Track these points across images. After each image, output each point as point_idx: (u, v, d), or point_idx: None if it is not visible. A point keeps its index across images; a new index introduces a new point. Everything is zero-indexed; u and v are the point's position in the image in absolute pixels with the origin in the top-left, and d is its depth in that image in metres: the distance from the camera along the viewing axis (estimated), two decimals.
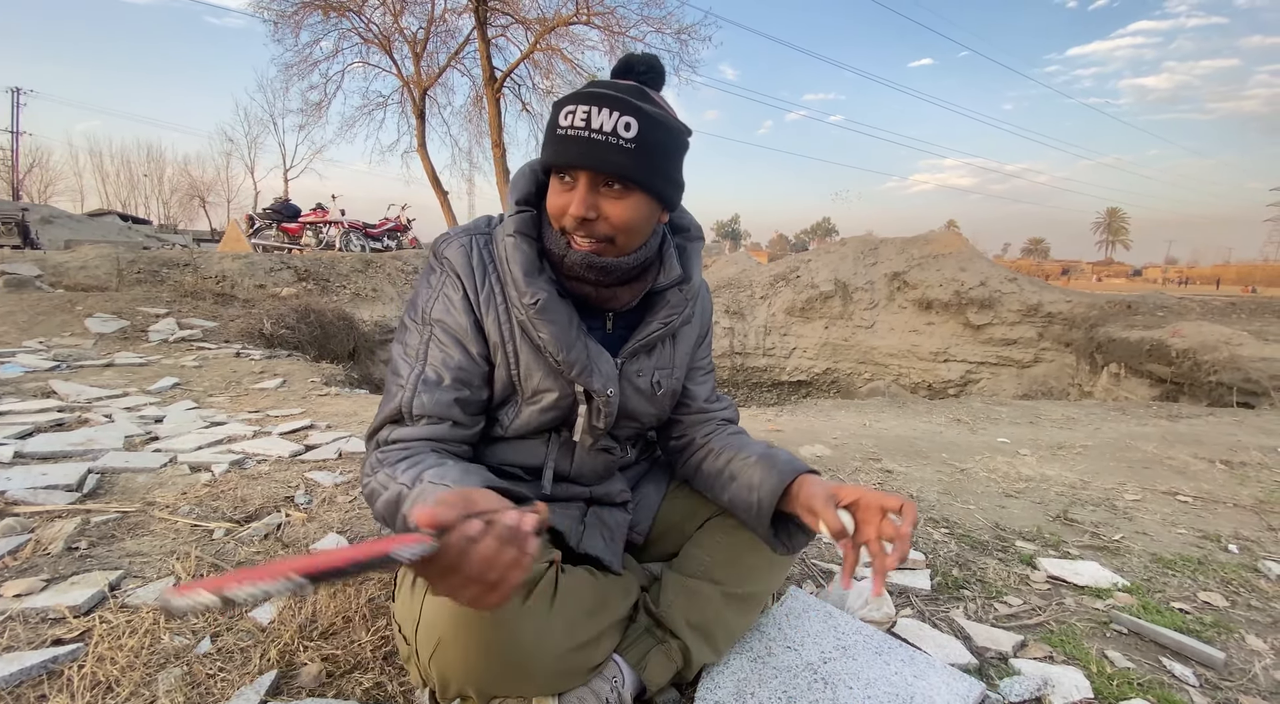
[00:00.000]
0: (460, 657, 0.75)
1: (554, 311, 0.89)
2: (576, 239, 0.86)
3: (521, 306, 0.88)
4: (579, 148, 0.81)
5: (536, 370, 0.92)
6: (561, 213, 0.85)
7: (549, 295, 0.88)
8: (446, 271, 0.92)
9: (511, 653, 0.76)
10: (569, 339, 0.90)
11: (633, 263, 0.91)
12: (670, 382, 1.04)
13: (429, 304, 0.92)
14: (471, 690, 0.78)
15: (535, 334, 0.89)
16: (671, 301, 0.99)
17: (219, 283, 7.00)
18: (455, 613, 0.75)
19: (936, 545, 1.67)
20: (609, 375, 0.95)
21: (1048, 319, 8.07)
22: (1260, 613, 1.44)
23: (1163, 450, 2.67)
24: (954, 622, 1.30)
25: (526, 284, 0.88)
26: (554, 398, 0.93)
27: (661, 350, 1.03)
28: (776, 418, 3.08)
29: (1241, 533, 1.89)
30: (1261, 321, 6.81)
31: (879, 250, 11.36)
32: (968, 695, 1.01)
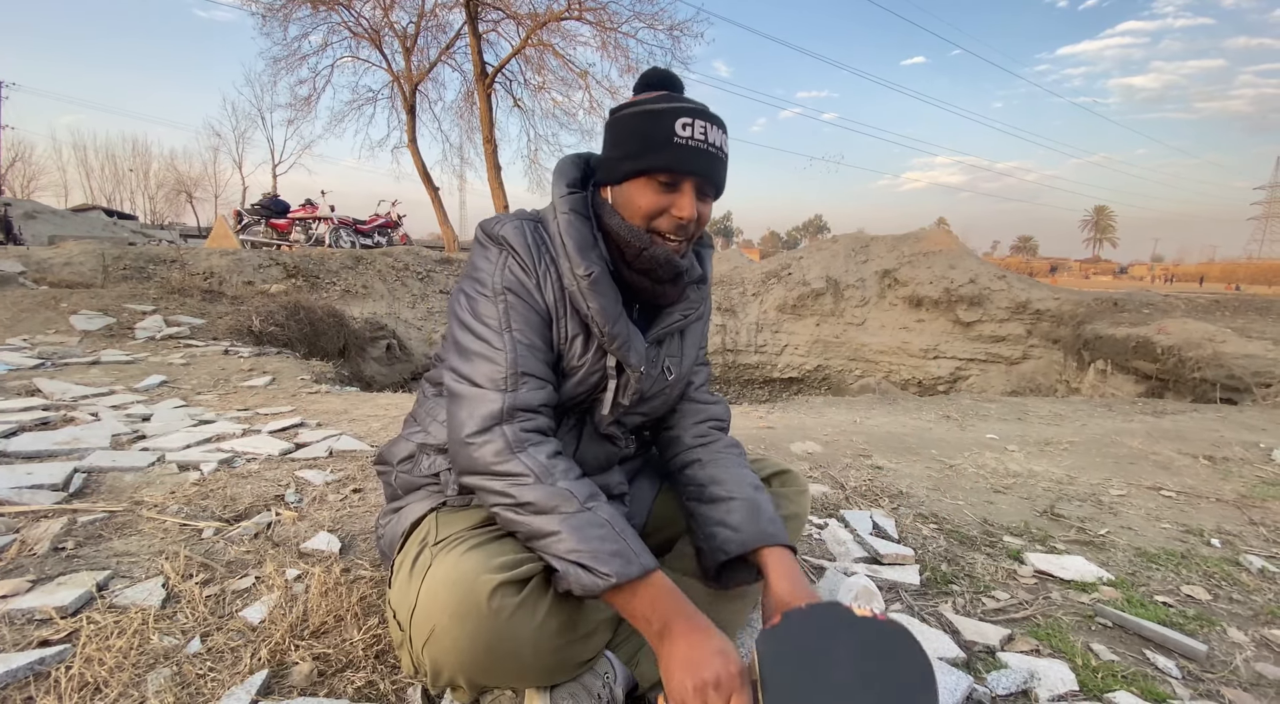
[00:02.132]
0: (453, 646, 0.76)
1: (604, 286, 0.93)
2: (669, 238, 0.93)
3: (574, 277, 0.92)
4: (702, 159, 0.90)
5: (578, 343, 0.95)
6: (658, 213, 0.92)
7: (601, 270, 0.93)
8: (505, 248, 0.94)
9: (504, 645, 0.77)
10: (615, 313, 0.94)
11: (689, 261, 1.01)
12: (679, 370, 1.09)
13: (496, 275, 0.93)
14: (462, 680, 0.79)
15: (585, 304, 0.92)
16: (691, 298, 1.06)
17: (207, 279, 6.93)
18: (450, 602, 0.75)
19: (926, 541, 1.68)
20: (642, 353, 0.99)
21: (1036, 316, 8.15)
22: (1242, 606, 1.46)
23: (1148, 446, 2.71)
24: (943, 616, 1.32)
25: (581, 258, 0.92)
26: (583, 373, 0.96)
27: (672, 341, 1.08)
28: (768, 415, 3.10)
29: (1224, 527, 1.92)
30: (1244, 319, 6.91)
31: (870, 248, 11.41)
32: (955, 689, 1.02)
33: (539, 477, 0.82)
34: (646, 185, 0.91)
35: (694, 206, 0.91)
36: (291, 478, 1.88)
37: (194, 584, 1.25)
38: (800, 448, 2.44)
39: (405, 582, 0.83)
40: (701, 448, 1.10)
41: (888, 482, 2.12)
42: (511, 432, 0.85)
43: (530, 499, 0.81)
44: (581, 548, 0.78)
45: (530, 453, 0.84)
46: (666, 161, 0.89)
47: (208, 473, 1.90)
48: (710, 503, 1.03)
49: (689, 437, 1.12)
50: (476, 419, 0.86)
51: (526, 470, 0.82)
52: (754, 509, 0.98)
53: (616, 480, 1.09)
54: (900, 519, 1.81)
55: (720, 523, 0.99)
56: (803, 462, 2.30)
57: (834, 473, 2.18)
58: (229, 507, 1.65)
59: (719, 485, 1.03)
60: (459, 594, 0.75)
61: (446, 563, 0.79)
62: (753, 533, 0.95)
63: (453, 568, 0.78)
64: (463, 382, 0.90)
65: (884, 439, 2.63)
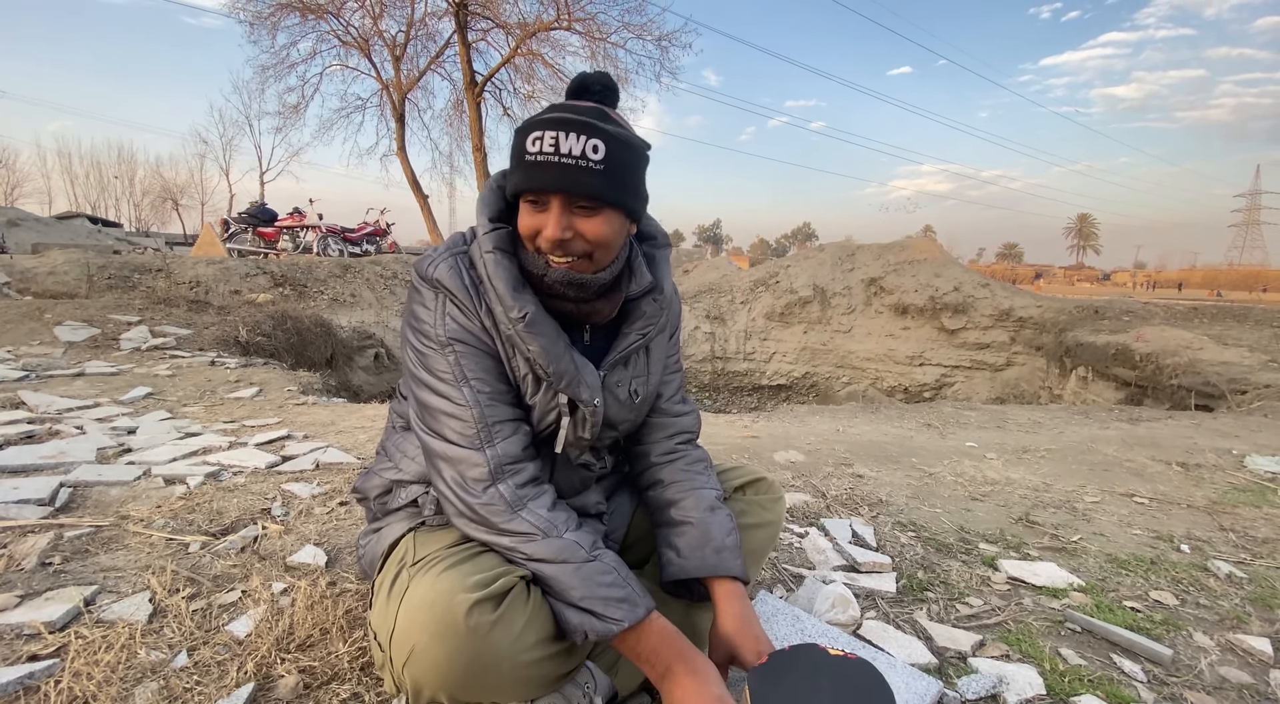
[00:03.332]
0: (433, 665, 0.77)
1: (541, 325, 0.90)
2: (554, 258, 0.89)
3: (509, 321, 0.89)
4: (551, 172, 0.83)
5: (529, 382, 0.94)
6: (535, 234, 0.88)
7: (536, 309, 0.90)
8: (441, 291, 0.92)
9: (483, 661, 0.78)
10: (557, 352, 0.91)
11: (609, 276, 0.94)
12: (646, 389, 1.07)
13: (439, 325, 0.91)
14: (444, 698, 0.81)
15: (525, 348, 0.90)
16: (647, 312, 1.02)
17: (193, 289, 6.90)
18: (429, 622, 0.77)
19: (903, 548, 1.72)
20: (595, 386, 0.97)
21: (1019, 323, 8.27)
22: (1208, 611, 1.51)
23: (1122, 453, 2.77)
24: (917, 623, 1.35)
25: (513, 299, 0.88)
26: (538, 412, 0.95)
27: (637, 360, 1.05)
28: (753, 424, 3.14)
29: (1194, 533, 1.98)
30: (1222, 326, 7.05)
31: (856, 256, 11.54)
32: (926, 694, 1.05)
33: (544, 532, 0.85)
34: (524, 207, 0.88)
35: (559, 224, 0.85)
36: (278, 491, 1.89)
37: (180, 598, 1.26)
38: (784, 457, 2.48)
39: (384, 604, 0.85)
40: (667, 465, 1.11)
41: (868, 490, 2.16)
42: (508, 491, 0.87)
43: (539, 555, 0.85)
44: (592, 596, 0.83)
45: (531, 508, 0.87)
46: (520, 181, 0.86)
47: (194, 486, 1.90)
48: (665, 526, 1.07)
49: (655, 453, 1.13)
50: (468, 483, 0.88)
51: (532, 529, 0.86)
52: (704, 536, 1.01)
53: (594, 500, 1.10)
54: (879, 527, 1.85)
55: (670, 546, 1.04)
56: (786, 470, 2.33)
57: (815, 482, 2.22)
58: (215, 520, 1.66)
59: (675, 508, 1.06)
60: (436, 614, 0.77)
61: (424, 584, 0.81)
62: (696, 562, 1.00)
63: (429, 589, 0.79)
64: (436, 438, 0.90)
65: (866, 448, 2.67)
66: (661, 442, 1.13)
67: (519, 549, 0.86)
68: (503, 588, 0.81)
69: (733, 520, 1.07)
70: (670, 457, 1.12)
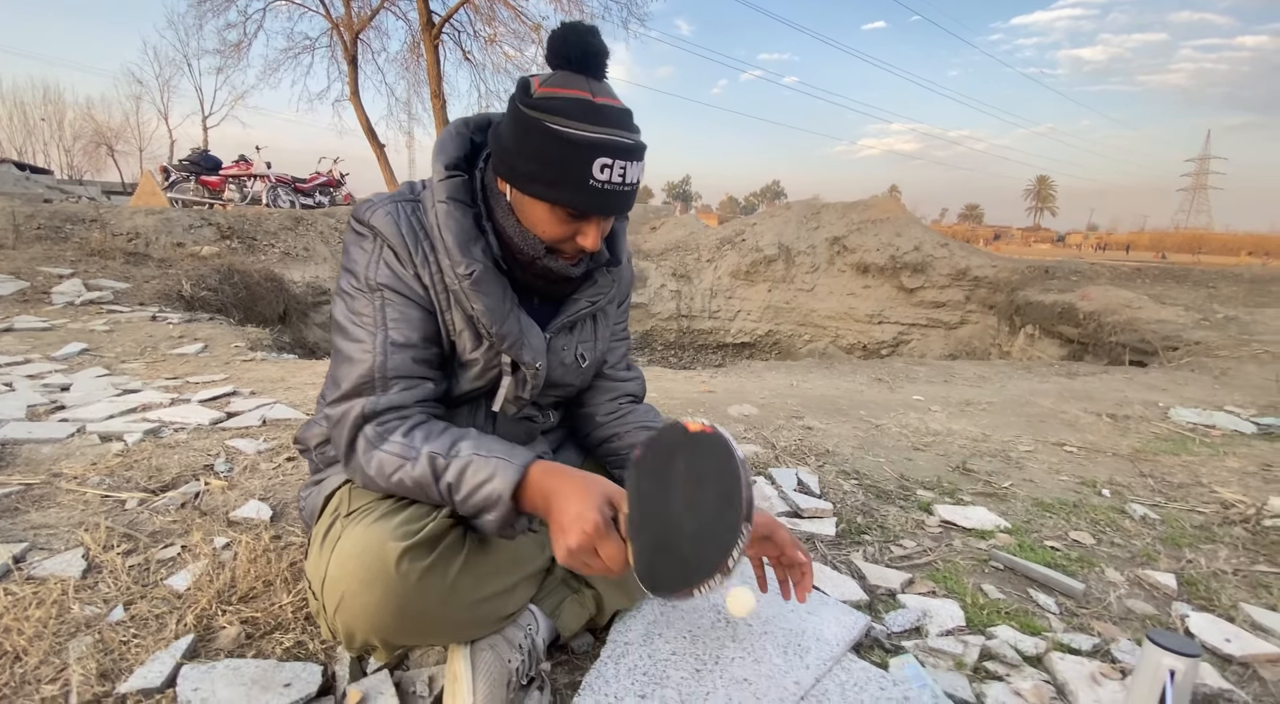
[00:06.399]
0: (363, 611, 0.78)
1: (488, 284, 0.89)
2: (568, 255, 0.91)
3: (456, 277, 0.87)
4: (615, 201, 0.84)
5: (468, 340, 0.93)
6: (565, 240, 0.88)
7: (484, 268, 0.88)
8: (378, 238, 0.89)
9: (415, 606, 0.80)
10: (502, 312, 0.91)
11: (589, 264, 0.99)
12: (594, 354, 1.08)
13: (370, 269, 0.89)
14: (376, 641, 0.82)
15: (469, 305, 0.89)
16: (599, 282, 1.02)
17: (131, 241, 6.52)
18: (359, 569, 0.78)
19: (845, 495, 1.79)
20: (538, 349, 0.96)
21: (974, 283, 8.49)
22: (1121, 549, 1.62)
23: (1058, 405, 2.92)
24: (853, 564, 1.42)
25: (461, 254, 0.87)
26: (479, 368, 0.95)
27: (585, 326, 1.06)
28: (710, 380, 3.18)
29: (1116, 479, 2.11)
30: (1162, 286, 7.37)
31: (821, 215, 11.57)
32: (853, 627, 1.12)
33: (405, 457, 0.83)
34: (552, 213, 0.85)
35: (600, 238, 0.88)
36: (222, 447, 1.85)
37: (116, 555, 1.24)
38: (738, 410, 2.53)
39: (317, 552, 0.86)
40: (614, 422, 1.13)
41: (816, 441, 2.23)
42: (372, 432, 0.85)
43: (412, 483, 0.83)
44: (471, 497, 0.81)
45: (391, 441, 0.84)
46: (580, 204, 0.83)
47: (132, 444, 1.85)
48: (624, 454, 1.09)
49: (600, 414, 1.14)
50: (345, 434, 0.86)
51: (395, 460, 0.83)
52: None
53: (540, 451, 1.12)
54: (824, 476, 1.92)
55: None
56: (739, 423, 2.38)
57: (767, 434, 2.28)
58: (154, 477, 1.62)
59: (626, 441, 1.10)
60: (366, 562, 0.78)
61: (355, 533, 0.81)
62: None
63: (360, 538, 0.80)
64: (335, 390, 0.88)
65: (817, 401, 2.75)
66: (605, 404, 1.15)
67: (400, 486, 0.84)
68: (433, 534, 0.82)
69: None
70: (615, 415, 1.14)
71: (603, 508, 0.74)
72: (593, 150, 0.79)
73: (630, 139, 0.82)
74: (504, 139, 0.86)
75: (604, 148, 0.79)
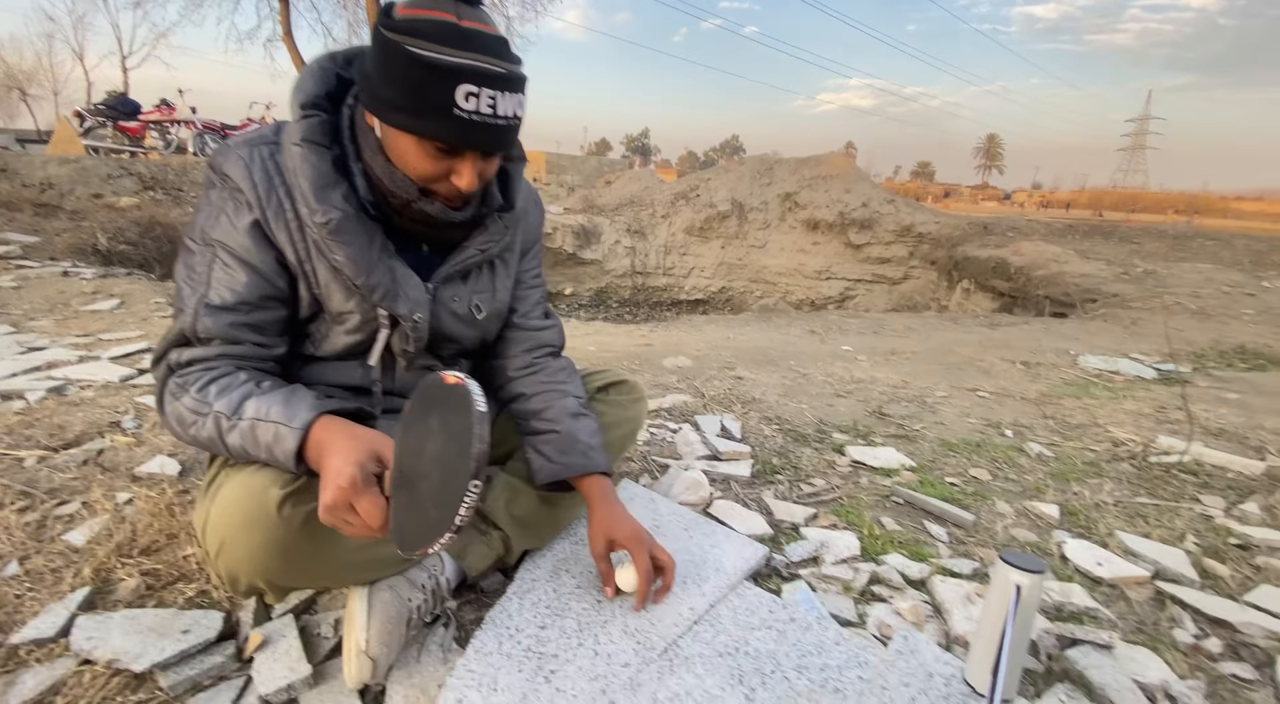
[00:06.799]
0: (245, 555, 0.79)
1: (350, 232, 0.84)
2: (443, 196, 0.85)
3: (314, 225, 0.83)
4: (488, 135, 0.78)
5: (336, 291, 0.88)
6: (438, 179, 0.82)
7: (343, 215, 0.83)
8: (226, 188, 0.84)
9: (302, 550, 0.80)
10: (369, 262, 0.86)
11: (475, 209, 0.92)
12: (493, 305, 1.04)
13: (209, 223, 0.84)
14: (262, 584, 0.83)
15: (330, 256, 0.85)
16: (490, 229, 0.97)
17: (44, 192, 6.04)
18: (238, 514, 0.78)
19: (765, 439, 1.87)
20: (417, 300, 0.92)
21: (918, 239, 8.71)
22: (1015, 484, 1.74)
23: (977, 354, 3.07)
24: (763, 501, 1.49)
25: (318, 201, 0.82)
26: (358, 321, 0.91)
27: (479, 276, 1.01)
28: (650, 333, 3.21)
29: (1020, 421, 2.25)
30: (1090, 242, 7.72)
31: (774, 171, 11.57)
32: (752, 557, 1.18)
33: (197, 413, 0.80)
34: (420, 147, 0.79)
35: (475, 177, 0.81)
36: (131, 404, 1.78)
37: (11, 512, 1.20)
38: (672, 362, 2.57)
39: (201, 500, 0.87)
40: (526, 378, 1.12)
41: (745, 390, 2.29)
42: (174, 384, 0.83)
43: (207, 440, 0.81)
44: (267, 460, 0.79)
45: (189, 395, 0.81)
46: (445, 135, 0.77)
47: (34, 401, 1.76)
48: (532, 434, 1.09)
49: (513, 367, 1.12)
50: (157, 388, 0.85)
51: (190, 415, 0.80)
52: (570, 441, 1.05)
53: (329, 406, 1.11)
54: (747, 422, 1.99)
55: (538, 452, 1.07)
56: (672, 374, 2.43)
57: (698, 384, 2.33)
58: (56, 435, 1.55)
59: (538, 417, 1.09)
60: (246, 507, 0.78)
61: (236, 480, 0.81)
62: (564, 464, 1.05)
63: (241, 484, 0.80)
64: (160, 341, 0.86)
65: (750, 352, 2.82)
66: (519, 356, 1.13)
67: (202, 442, 0.82)
68: None
69: (597, 423, 1.11)
70: (529, 370, 1.12)
71: (364, 463, 0.70)
72: (455, 76, 0.74)
73: (501, 67, 0.76)
74: (367, 66, 0.81)
75: (468, 74, 0.74)
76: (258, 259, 0.84)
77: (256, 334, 0.87)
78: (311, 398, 0.81)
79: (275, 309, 0.88)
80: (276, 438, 0.77)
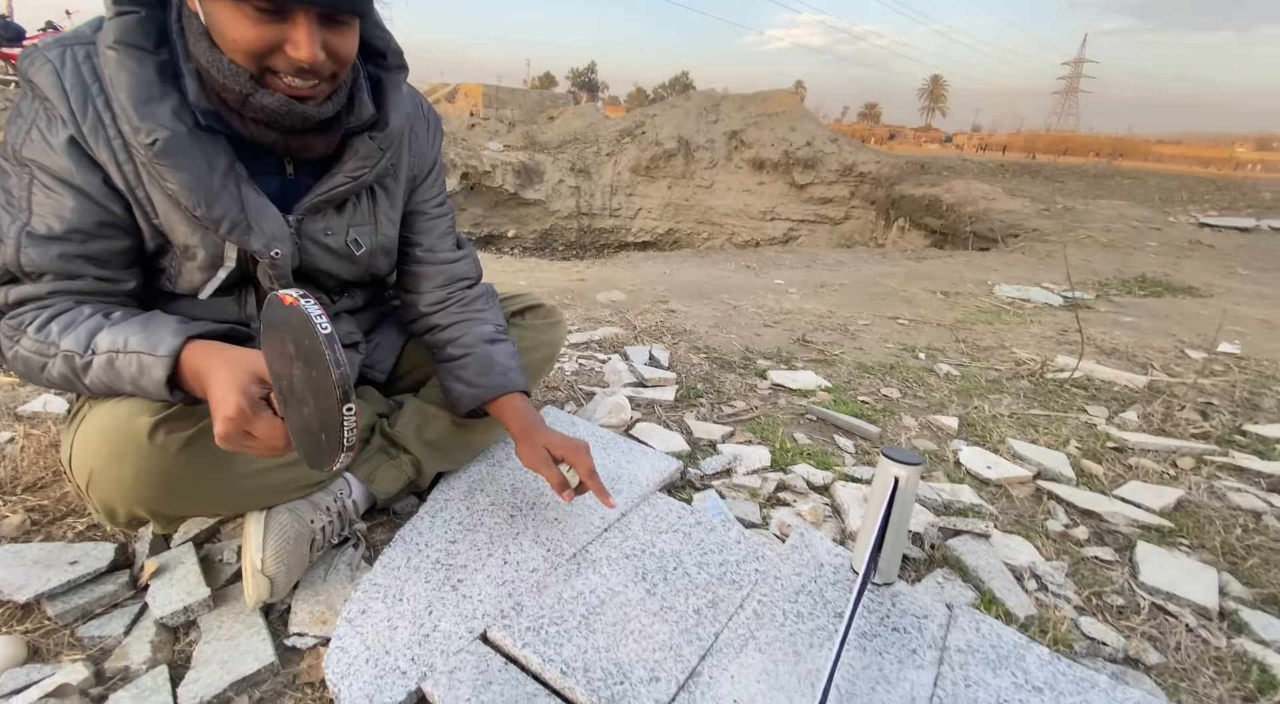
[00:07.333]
0: (117, 484, 0.76)
1: (183, 154, 0.72)
2: (284, 80, 0.71)
3: (139, 147, 0.71)
4: None
5: (178, 223, 0.78)
6: (268, 51, 0.69)
7: (173, 134, 0.71)
8: (36, 99, 0.72)
9: (183, 477, 0.77)
10: (209, 189, 0.75)
11: (335, 107, 0.78)
12: (375, 239, 0.95)
13: (19, 139, 0.73)
14: (143, 512, 0.80)
15: (162, 183, 0.74)
16: (361, 151, 0.85)
17: None
18: (104, 445, 0.74)
19: (692, 367, 1.90)
20: (275, 234, 0.81)
21: (859, 179, 8.81)
22: (921, 400, 1.84)
23: (902, 285, 3.18)
24: (684, 422, 1.53)
25: (140, 118, 0.70)
26: (205, 255, 0.81)
27: (357, 206, 0.91)
28: (586, 269, 3.18)
29: (934, 345, 2.36)
30: (1019, 181, 7.99)
31: (720, 107, 11.36)
32: (665, 470, 1.22)
33: (43, 354, 0.73)
34: (239, 11, 0.66)
35: (314, 44, 0.68)
36: None
37: None
38: (606, 297, 2.56)
39: (66, 433, 0.82)
40: (440, 312, 1.07)
41: (676, 322, 2.32)
42: (6, 327, 0.75)
43: (61, 380, 0.74)
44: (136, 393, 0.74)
45: (27, 336, 0.74)
46: None
47: None
48: (448, 361, 1.06)
49: (425, 303, 1.07)
50: None
51: (36, 358, 0.73)
52: (487, 364, 1.02)
53: (345, 331, 1.06)
54: (676, 352, 2.02)
55: (456, 379, 1.04)
56: (605, 308, 2.43)
57: (630, 317, 2.34)
58: None
59: (454, 345, 1.05)
60: (113, 437, 0.74)
61: (100, 411, 0.77)
62: (484, 387, 1.01)
63: (105, 414, 0.76)
64: None
65: (684, 287, 2.83)
66: (432, 292, 1.07)
67: (58, 383, 0.76)
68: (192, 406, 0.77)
69: (514, 346, 1.09)
70: (442, 304, 1.07)
71: (248, 388, 0.66)
72: None
73: None
74: None
75: None
76: (83, 181, 0.73)
77: (96, 267, 0.77)
78: (174, 322, 0.74)
79: (115, 238, 0.78)
80: (141, 369, 0.71)
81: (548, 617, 0.84)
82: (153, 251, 0.82)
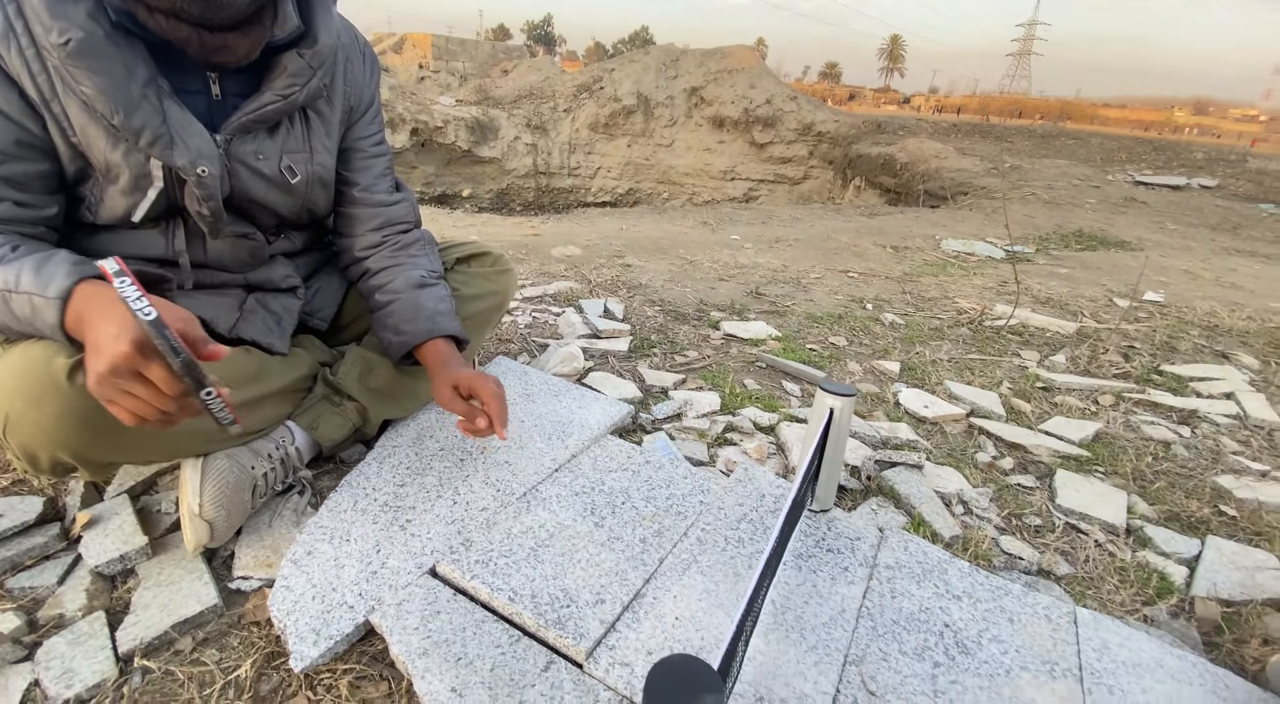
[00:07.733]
0: (37, 428, 0.72)
1: (99, 56, 0.69)
2: None
3: (51, 49, 0.68)
4: None
5: (97, 137, 0.74)
6: None
7: (87, 34, 0.68)
8: None
9: (108, 422, 0.74)
10: (128, 96, 0.71)
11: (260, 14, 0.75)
12: (310, 168, 0.92)
13: None
14: (68, 458, 0.77)
15: (77, 88, 0.70)
16: (290, 68, 0.82)
17: None
18: (21, 387, 0.71)
19: (647, 319, 1.91)
20: (201, 151, 0.78)
21: (818, 138, 8.82)
22: (866, 348, 1.90)
23: (853, 240, 3.24)
24: (637, 371, 1.55)
25: (52, 16, 0.67)
26: (130, 176, 0.77)
27: (290, 130, 0.88)
28: (540, 225, 3.13)
29: (881, 296, 2.43)
30: (970, 140, 8.14)
31: (680, 63, 11.13)
32: (616, 415, 1.24)
33: None
34: None
35: None
36: None
37: None
38: (561, 252, 2.53)
39: None
40: (373, 256, 1.05)
41: (632, 277, 2.32)
42: None
43: None
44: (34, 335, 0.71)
45: None
46: None
47: None
48: (378, 310, 1.04)
49: (359, 247, 1.05)
50: None
51: None
52: (414, 309, 1.00)
53: (283, 274, 1.02)
54: (631, 304, 2.02)
55: (384, 327, 1.03)
56: (560, 263, 2.40)
57: (585, 271, 2.33)
58: None
59: (382, 291, 1.04)
60: (30, 380, 0.71)
61: (14, 353, 0.73)
62: (410, 333, 1.00)
63: (20, 357, 0.72)
64: None
65: (641, 242, 2.82)
66: (366, 235, 1.05)
67: None
68: None
69: (446, 290, 1.07)
70: (377, 248, 1.05)
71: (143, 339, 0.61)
72: None
73: None
74: None
75: None
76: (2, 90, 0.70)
77: (13, 190, 0.74)
78: (69, 263, 0.69)
79: (35, 160, 0.75)
80: (34, 311, 0.67)
81: (497, 550, 0.86)
82: (74, 178, 0.79)
